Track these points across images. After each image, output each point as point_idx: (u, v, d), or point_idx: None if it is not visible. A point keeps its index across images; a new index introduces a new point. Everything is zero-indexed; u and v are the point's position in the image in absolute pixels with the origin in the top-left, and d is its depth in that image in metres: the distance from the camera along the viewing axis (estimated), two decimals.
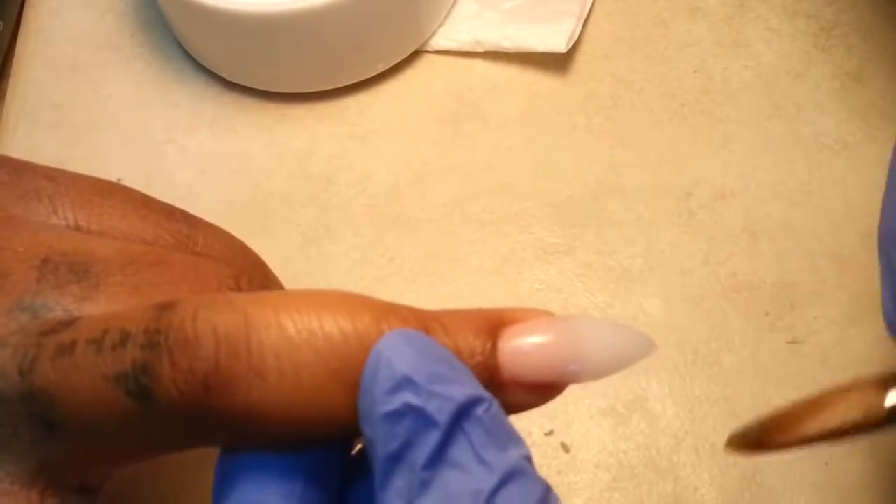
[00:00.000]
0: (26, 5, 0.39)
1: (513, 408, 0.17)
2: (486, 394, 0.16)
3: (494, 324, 0.17)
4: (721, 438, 0.30)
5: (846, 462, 0.30)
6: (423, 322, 0.17)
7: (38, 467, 0.17)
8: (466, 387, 0.16)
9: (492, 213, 0.34)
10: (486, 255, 0.33)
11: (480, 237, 0.34)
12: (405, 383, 0.16)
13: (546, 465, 0.30)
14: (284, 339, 0.16)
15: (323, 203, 0.35)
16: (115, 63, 0.38)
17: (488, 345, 0.17)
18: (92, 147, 0.36)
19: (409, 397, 0.16)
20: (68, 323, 0.17)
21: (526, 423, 0.30)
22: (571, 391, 0.31)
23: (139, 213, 0.21)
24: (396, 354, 0.16)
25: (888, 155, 0.35)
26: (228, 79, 0.37)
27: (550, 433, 0.30)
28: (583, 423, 0.31)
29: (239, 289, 0.19)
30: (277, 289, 0.22)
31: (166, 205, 0.22)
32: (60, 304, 0.18)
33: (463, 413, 0.16)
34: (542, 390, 0.17)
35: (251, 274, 0.20)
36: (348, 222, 0.34)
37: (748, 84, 0.36)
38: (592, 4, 0.37)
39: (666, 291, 0.33)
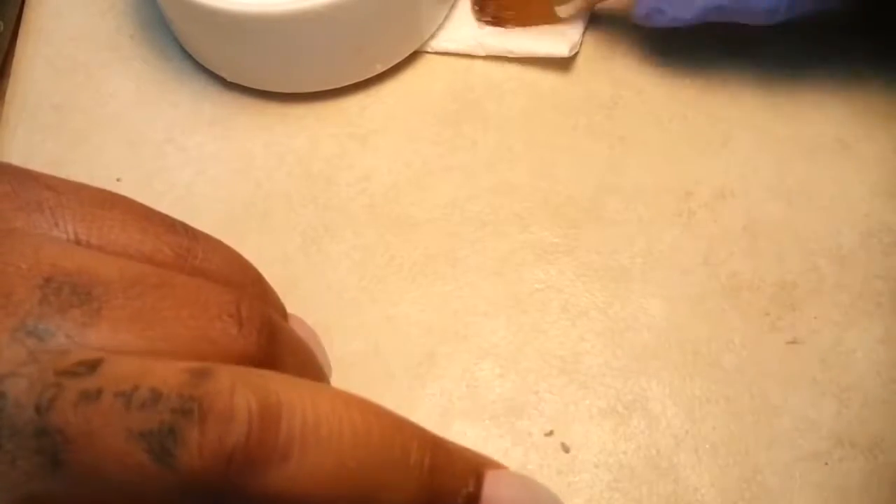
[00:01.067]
0: (26, 5, 0.39)
1: None
2: None
3: (480, 467, 0.20)
4: (721, 438, 0.31)
5: (846, 462, 0.30)
6: (434, 447, 0.19)
7: (24, 500, 0.17)
8: None
9: (492, 213, 0.34)
10: (486, 255, 0.33)
11: (480, 237, 0.34)
12: None
13: (546, 465, 0.30)
14: (312, 429, 0.17)
15: (323, 203, 0.35)
16: (115, 63, 0.38)
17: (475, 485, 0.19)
18: (92, 147, 0.36)
19: None
20: (91, 365, 0.17)
21: (526, 424, 0.30)
22: (572, 391, 0.31)
23: (139, 226, 0.21)
24: None
25: (888, 155, 0.35)
26: (228, 79, 0.37)
27: (550, 433, 0.30)
28: (583, 424, 0.31)
29: (239, 314, 0.19)
30: (274, 301, 0.22)
31: (167, 217, 0.22)
32: (62, 329, 0.18)
33: None
34: None
35: (250, 299, 0.20)
36: (348, 222, 0.34)
37: (748, 84, 0.36)
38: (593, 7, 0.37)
39: (666, 291, 0.33)
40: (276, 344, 0.19)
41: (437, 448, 0.19)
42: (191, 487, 0.17)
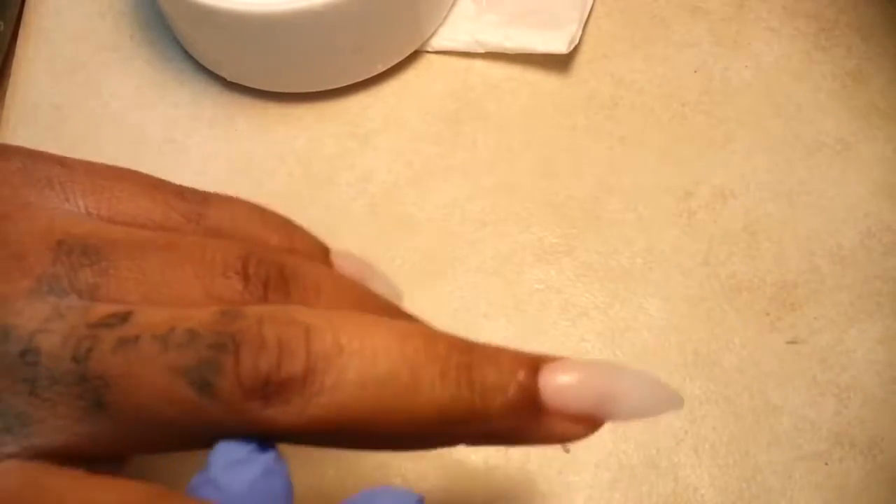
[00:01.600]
0: (26, 5, 0.39)
1: (557, 438, 0.19)
2: None
3: (534, 359, 0.19)
4: (721, 438, 0.31)
5: (845, 462, 0.30)
6: (470, 352, 0.19)
7: (67, 444, 0.18)
8: None
9: (492, 213, 0.34)
10: (486, 255, 0.33)
11: (480, 237, 0.34)
12: None
13: (546, 464, 0.30)
14: (341, 353, 0.18)
15: (323, 203, 0.35)
16: (115, 63, 0.38)
17: (528, 374, 0.19)
18: (92, 147, 0.36)
19: None
20: (122, 317, 0.18)
21: None
22: None
23: (148, 195, 0.21)
24: None
25: (888, 155, 0.35)
26: (228, 79, 0.37)
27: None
28: None
29: (245, 271, 0.19)
30: (308, 245, 0.23)
31: (176, 185, 0.22)
32: (74, 288, 0.19)
33: None
34: (582, 421, 0.19)
35: (261, 253, 0.20)
36: (349, 222, 0.34)
37: (748, 84, 0.36)
38: (593, 5, 0.37)
39: (666, 291, 0.33)
40: (293, 290, 0.20)
41: (473, 350, 0.19)
42: (230, 416, 0.17)
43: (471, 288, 0.33)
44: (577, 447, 0.30)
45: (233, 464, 0.17)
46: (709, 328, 0.32)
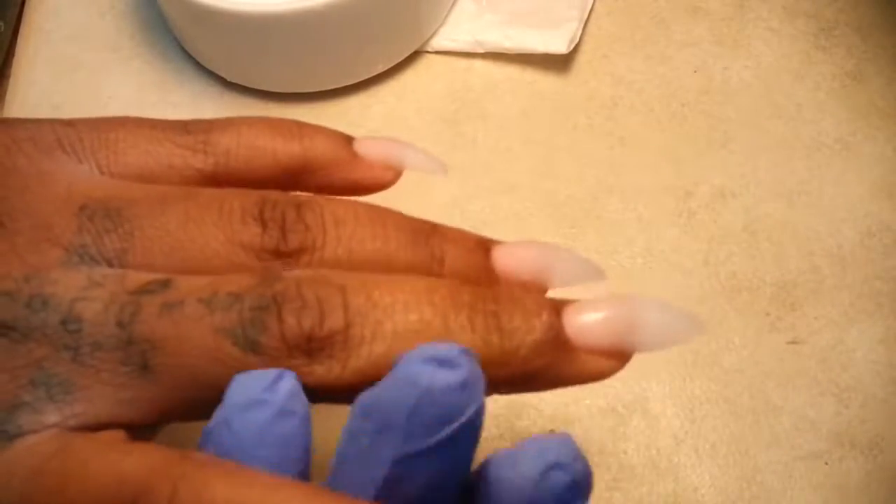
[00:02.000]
0: (26, 5, 0.39)
1: (590, 374, 0.20)
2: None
3: (556, 302, 0.20)
4: (721, 438, 0.31)
5: (845, 462, 0.30)
6: (496, 299, 0.19)
7: (108, 412, 0.18)
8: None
9: (492, 213, 0.34)
10: None
11: None
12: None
13: None
14: (373, 311, 0.19)
15: None
16: (115, 63, 0.38)
17: (551, 314, 0.20)
18: None
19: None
20: (162, 283, 0.19)
21: (526, 424, 0.30)
22: (571, 391, 0.31)
23: (150, 137, 0.22)
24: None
25: (888, 155, 0.35)
26: (228, 79, 0.37)
27: (550, 433, 0.30)
28: (583, 423, 0.31)
29: (262, 216, 0.20)
30: (320, 153, 0.23)
31: (176, 121, 0.23)
32: (102, 255, 0.19)
33: None
34: (612, 356, 0.20)
35: (276, 197, 0.20)
36: None
37: (748, 84, 0.36)
38: (593, 5, 0.37)
39: (666, 291, 0.33)
40: (309, 228, 0.20)
41: (499, 296, 0.20)
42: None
43: None
44: None
45: (247, 404, 0.18)
46: (709, 328, 0.32)
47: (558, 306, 0.20)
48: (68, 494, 0.17)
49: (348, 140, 0.24)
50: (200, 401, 0.19)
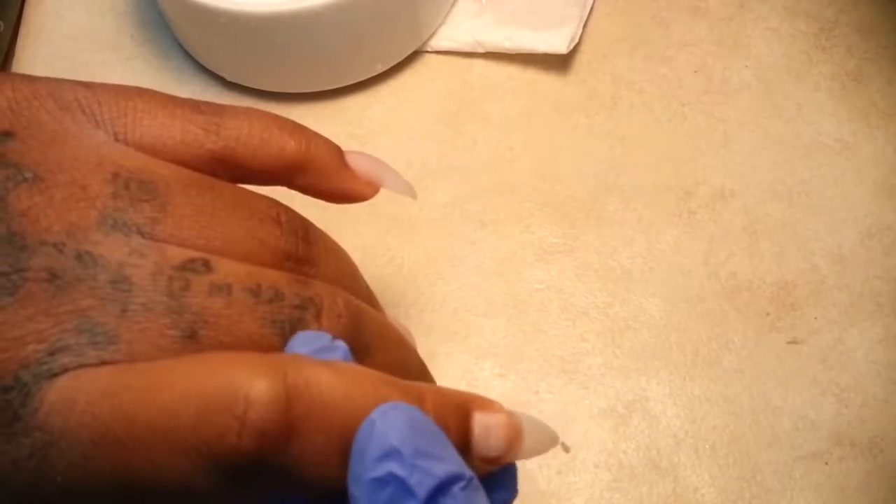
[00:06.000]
0: (26, 5, 0.39)
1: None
2: (466, 471, 0.18)
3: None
4: (721, 438, 0.31)
5: (846, 462, 0.30)
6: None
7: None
8: (448, 464, 0.18)
9: (492, 213, 0.34)
10: (486, 255, 0.33)
11: (480, 237, 0.34)
12: (393, 454, 0.17)
13: (546, 465, 0.30)
14: (382, 330, 0.22)
15: (323, 203, 0.35)
16: (115, 63, 0.38)
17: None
18: None
19: (394, 467, 0.17)
20: (203, 262, 0.19)
21: None
22: (572, 391, 0.31)
23: (166, 111, 0.22)
24: (389, 425, 0.18)
25: (888, 155, 0.35)
26: (228, 79, 0.37)
27: None
28: (583, 423, 0.31)
29: (279, 218, 0.21)
30: (320, 146, 0.24)
31: (190, 99, 0.23)
32: (136, 224, 0.19)
33: (441, 488, 0.17)
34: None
35: (287, 208, 0.22)
36: (349, 222, 0.34)
37: (748, 84, 0.36)
38: (593, 4, 0.37)
39: (666, 291, 0.33)
40: (313, 245, 0.22)
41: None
42: None
43: (471, 288, 0.33)
44: (578, 447, 0.30)
45: (318, 351, 0.19)
46: (709, 328, 0.32)
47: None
48: (160, 401, 0.17)
49: (341, 150, 0.24)
50: None
